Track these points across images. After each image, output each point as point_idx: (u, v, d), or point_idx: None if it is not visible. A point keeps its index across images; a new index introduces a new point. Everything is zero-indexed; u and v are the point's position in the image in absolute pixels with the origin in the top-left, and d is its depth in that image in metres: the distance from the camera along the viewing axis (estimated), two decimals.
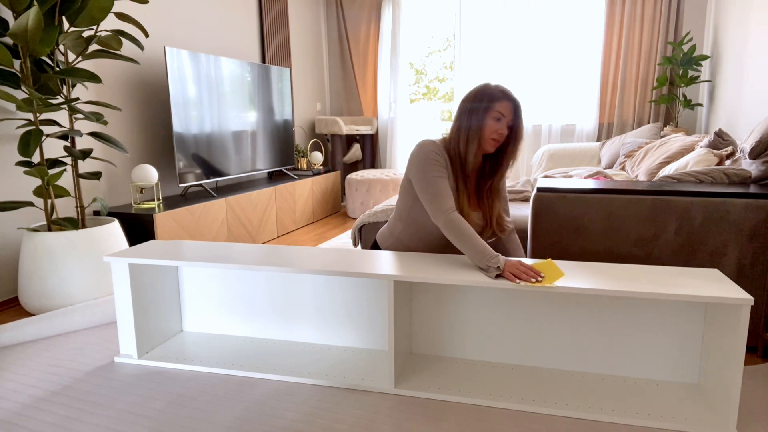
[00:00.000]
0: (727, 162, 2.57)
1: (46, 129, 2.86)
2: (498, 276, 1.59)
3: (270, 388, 1.77)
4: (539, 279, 1.55)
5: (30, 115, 2.77)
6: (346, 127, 5.44)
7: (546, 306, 1.81)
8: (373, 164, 5.96)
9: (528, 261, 1.73)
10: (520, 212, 2.69)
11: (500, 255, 1.64)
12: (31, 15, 2.17)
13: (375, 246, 2.08)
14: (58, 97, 2.57)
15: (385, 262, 1.77)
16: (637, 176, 3.36)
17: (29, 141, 2.36)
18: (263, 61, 4.82)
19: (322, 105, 5.96)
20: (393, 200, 2.55)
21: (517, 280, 1.55)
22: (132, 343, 1.99)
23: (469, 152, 1.75)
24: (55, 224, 2.56)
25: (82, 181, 3.07)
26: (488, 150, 1.77)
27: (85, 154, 2.61)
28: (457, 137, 1.77)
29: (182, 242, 2.13)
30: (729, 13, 4.02)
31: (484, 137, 1.74)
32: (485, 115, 1.73)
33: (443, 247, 1.92)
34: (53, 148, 2.92)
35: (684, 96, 4.42)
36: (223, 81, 3.86)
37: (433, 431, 1.50)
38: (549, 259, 1.73)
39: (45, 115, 2.89)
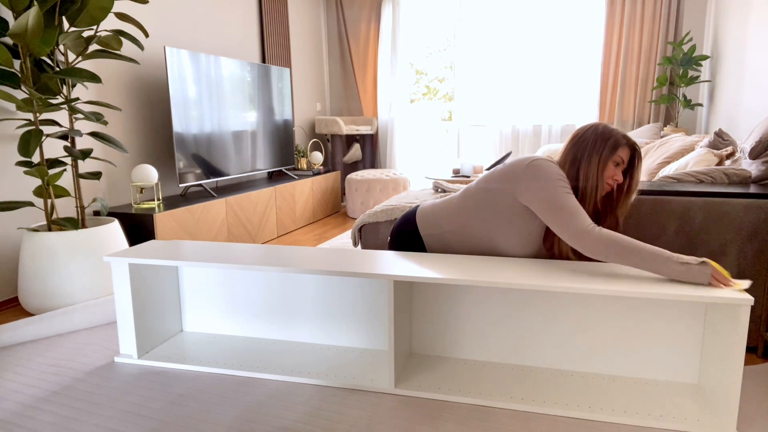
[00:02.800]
0: (727, 162, 2.57)
1: (46, 129, 2.86)
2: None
3: (270, 388, 1.77)
4: (734, 284, 1.45)
5: (30, 115, 2.77)
6: (346, 127, 5.44)
7: (546, 306, 1.81)
8: (373, 164, 5.96)
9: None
10: None
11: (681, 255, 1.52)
12: (31, 15, 2.17)
13: (405, 223, 1.96)
14: (58, 97, 2.57)
15: (385, 262, 1.77)
16: None
17: (29, 141, 2.36)
18: (263, 61, 4.82)
19: (322, 105, 5.96)
20: (393, 200, 2.55)
21: (721, 286, 1.45)
22: (132, 343, 1.99)
23: (589, 195, 1.69)
24: (55, 224, 2.56)
25: (82, 181, 3.07)
26: (601, 193, 1.71)
27: (85, 154, 2.61)
28: (575, 172, 1.70)
29: (182, 242, 2.13)
30: (729, 13, 4.02)
31: (602, 179, 1.68)
32: (609, 156, 1.67)
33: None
34: (53, 148, 2.92)
35: (684, 96, 4.42)
36: (223, 81, 3.86)
37: (433, 431, 1.50)
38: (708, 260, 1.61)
39: (45, 115, 2.89)
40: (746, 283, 1.45)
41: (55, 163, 2.59)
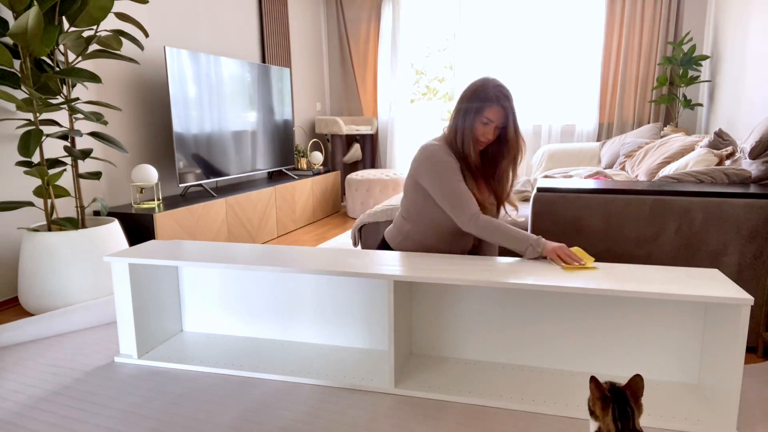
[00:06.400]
0: (727, 162, 2.57)
1: (46, 129, 2.86)
2: (538, 256, 1.74)
3: (270, 388, 1.77)
4: (582, 263, 1.67)
5: (30, 115, 2.77)
6: (346, 127, 5.44)
7: (546, 306, 1.81)
8: (373, 164, 5.96)
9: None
10: (521, 212, 2.69)
11: (540, 237, 1.77)
12: (31, 15, 2.17)
13: (383, 245, 2.07)
14: (58, 97, 2.57)
15: (385, 262, 1.77)
16: (637, 176, 3.36)
17: (29, 141, 2.36)
18: (263, 61, 4.81)
19: (322, 105, 5.96)
20: (393, 200, 2.55)
21: (562, 263, 1.67)
22: (132, 343, 1.99)
23: (467, 151, 1.82)
24: (55, 224, 2.56)
25: (82, 181, 3.07)
26: (478, 148, 1.85)
27: (85, 154, 2.61)
28: (454, 136, 1.84)
29: (182, 242, 2.13)
30: (729, 13, 4.02)
31: (474, 138, 1.81)
32: (475, 118, 1.79)
33: (458, 239, 1.93)
34: (53, 148, 2.92)
35: (684, 96, 4.42)
36: (223, 81, 3.86)
37: (433, 431, 1.50)
38: (577, 247, 1.81)
39: (45, 115, 2.89)
40: (594, 266, 1.67)
41: (55, 163, 2.59)
